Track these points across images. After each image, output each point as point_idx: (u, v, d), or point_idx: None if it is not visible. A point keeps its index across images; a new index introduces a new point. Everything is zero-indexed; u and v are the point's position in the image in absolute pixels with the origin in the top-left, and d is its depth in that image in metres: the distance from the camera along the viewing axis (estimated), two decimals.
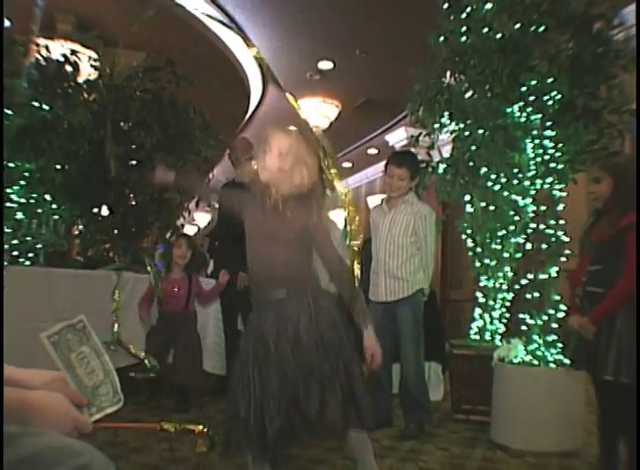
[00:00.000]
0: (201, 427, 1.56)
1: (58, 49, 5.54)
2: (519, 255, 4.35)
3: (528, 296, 3.85)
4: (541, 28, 3.92)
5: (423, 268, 4.03)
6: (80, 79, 5.56)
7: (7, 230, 4.98)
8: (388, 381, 4.16)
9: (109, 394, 1.43)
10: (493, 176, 4.39)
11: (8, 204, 4.99)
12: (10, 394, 1.15)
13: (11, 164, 4.93)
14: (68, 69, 5.36)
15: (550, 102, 3.90)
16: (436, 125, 4.61)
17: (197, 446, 1.59)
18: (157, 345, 4.34)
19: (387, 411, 4.14)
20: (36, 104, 4.98)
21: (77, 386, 1.40)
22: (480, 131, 4.34)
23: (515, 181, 4.24)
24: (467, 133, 4.47)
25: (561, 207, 3.91)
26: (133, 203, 5.96)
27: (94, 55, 5.90)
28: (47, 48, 5.30)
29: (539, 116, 3.95)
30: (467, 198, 4.61)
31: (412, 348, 3.97)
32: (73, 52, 5.43)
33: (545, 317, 3.76)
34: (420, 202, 4.18)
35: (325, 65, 8.77)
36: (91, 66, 5.77)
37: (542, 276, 3.81)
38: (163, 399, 4.66)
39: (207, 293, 4.60)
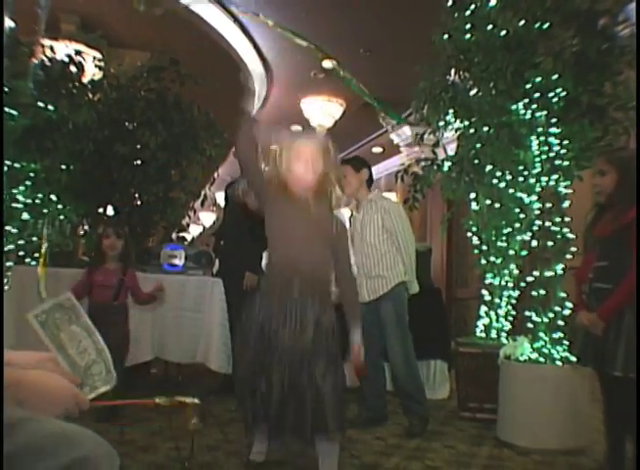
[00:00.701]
0: (194, 400, 1.57)
1: (62, 49, 5.55)
2: (524, 252, 4.34)
3: (534, 293, 3.84)
4: (546, 25, 3.90)
5: (402, 261, 4.04)
6: (85, 79, 5.58)
7: (13, 231, 5.00)
8: (380, 378, 4.19)
9: (101, 373, 1.42)
10: (498, 174, 4.38)
11: (13, 204, 5.01)
12: (7, 373, 1.14)
13: (16, 165, 4.95)
14: (73, 69, 5.37)
15: (555, 99, 3.89)
16: (441, 123, 4.60)
17: (190, 422, 1.58)
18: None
19: (380, 409, 4.17)
20: (41, 104, 4.99)
21: (70, 366, 1.38)
22: (485, 129, 4.33)
23: (520, 178, 4.23)
24: (472, 131, 4.46)
25: (566, 204, 3.90)
26: (138, 202, 5.98)
27: (98, 55, 5.93)
28: (51, 49, 5.32)
29: (544, 113, 3.93)
30: (472, 195, 4.60)
31: (397, 343, 3.98)
32: (78, 52, 5.44)
33: (551, 315, 3.75)
34: (384, 198, 4.25)
35: (329, 64, 8.76)
36: (95, 66, 5.78)
37: (548, 273, 3.80)
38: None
39: (145, 293, 4.23)
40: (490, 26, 4.14)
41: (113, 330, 3.94)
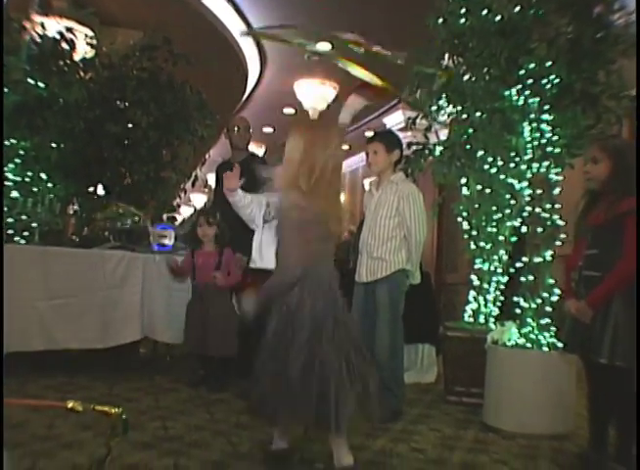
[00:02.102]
0: (115, 409, 1.49)
1: (53, 26, 5.50)
2: (514, 238, 4.36)
3: (523, 279, 3.86)
4: (541, 11, 3.90)
5: (406, 248, 4.00)
6: (77, 58, 5.54)
7: None
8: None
9: None
10: (490, 159, 4.38)
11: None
12: None
13: (6, 142, 4.92)
14: (64, 46, 5.33)
15: (548, 85, 3.89)
16: (434, 108, 4.59)
17: (110, 434, 1.51)
18: (193, 318, 4.50)
19: None
20: (32, 81, 4.95)
21: None
22: (478, 114, 4.33)
23: (511, 164, 4.24)
24: (464, 116, 4.45)
25: (557, 190, 3.91)
26: (129, 181, 5.97)
27: (90, 32, 5.89)
28: (42, 25, 5.26)
29: (537, 99, 3.94)
30: (463, 181, 4.60)
31: (386, 329, 3.91)
32: (69, 29, 5.39)
33: (539, 301, 3.77)
34: (406, 182, 4.14)
35: (323, 46, 8.72)
36: (87, 43, 5.74)
37: (537, 260, 3.82)
38: (158, 378, 4.68)
39: (230, 278, 4.56)
40: (485, 11, 4.14)
41: (215, 307, 4.44)
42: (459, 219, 4.70)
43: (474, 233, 4.60)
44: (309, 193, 2.61)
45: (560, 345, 3.34)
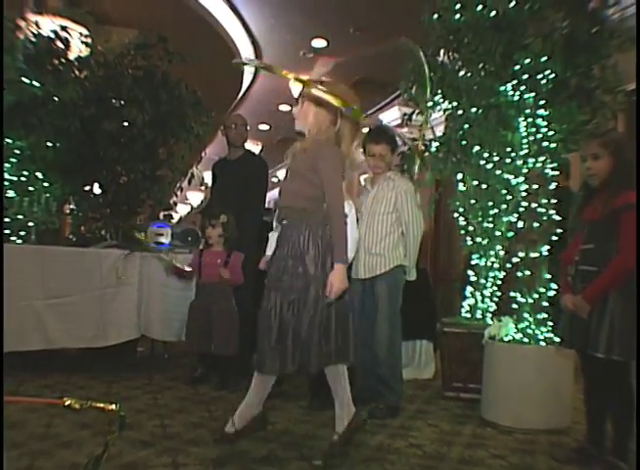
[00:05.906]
0: (112, 406, 1.49)
1: (48, 25, 5.49)
2: (510, 233, 4.36)
3: (519, 274, 3.87)
4: (536, 6, 3.89)
5: (404, 244, 4.00)
6: (71, 56, 5.53)
7: None
8: (371, 358, 3.98)
9: None
10: (486, 155, 4.38)
11: None
12: None
13: None
14: (59, 45, 5.32)
15: (543, 81, 3.88)
16: (429, 104, 4.59)
17: (107, 430, 1.52)
18: (196, 316, 4.52)
19: (369, 389, 4.02)
20: (26, 80, 4.94)
21: None
22: (473, 110, 4.33)
23: (507, 160, 4.24)
24: (460, 112, 4.45)
25: (553, 186, 3.92)
26: (125, 180, 5.96)
27: (85, 31, 5.87)
28: (37, 24, 5.26)
29: (532, 94, 3.93)
30: (459, 176, 4.61)
31: (385, 325, 3.91)
32: (63, 28, 5.38)
33: (536, 296, 3.78)
34: (402, 177, 4.16)
35: (319, 43, 8.72)
36: (82, 42, 5.72)
37: (533, 255, 3.82)
38: (156, 377, 4.68)
39: (233, 276, 4.56)
40: (480, 7, 4.12)
41: (217, 305, 4.47)
42: (455, 215, 4.70)
43: (470, 229, 4.60)
44: None
45: (557, 339, 3.35)
